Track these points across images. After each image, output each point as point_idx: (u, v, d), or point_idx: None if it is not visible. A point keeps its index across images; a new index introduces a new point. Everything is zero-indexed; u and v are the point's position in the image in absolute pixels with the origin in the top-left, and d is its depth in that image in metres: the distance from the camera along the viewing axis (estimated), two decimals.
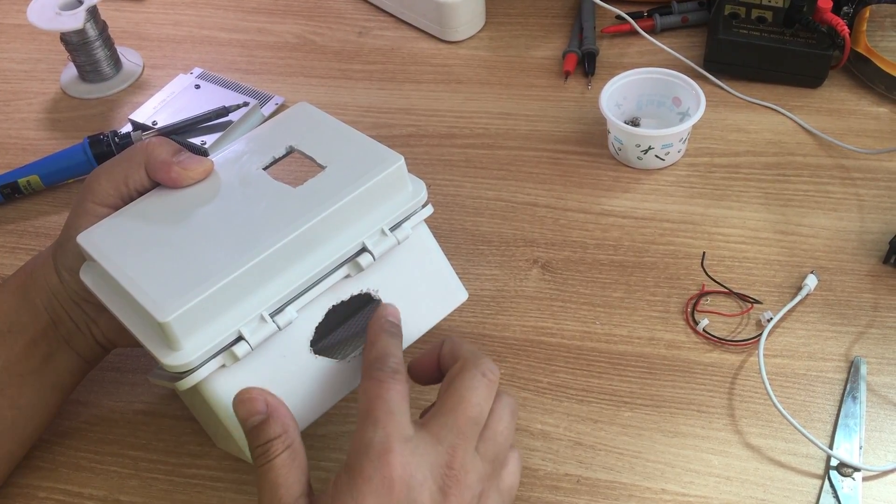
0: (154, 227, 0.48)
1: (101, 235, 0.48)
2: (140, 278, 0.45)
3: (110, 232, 0.49)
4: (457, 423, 0.41)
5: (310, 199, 0.48)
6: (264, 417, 0.41)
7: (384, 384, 0.42)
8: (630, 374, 0.57)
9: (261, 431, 0.41)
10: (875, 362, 0.57)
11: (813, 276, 0.61)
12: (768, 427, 0.54)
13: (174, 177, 0.50)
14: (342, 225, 0.48)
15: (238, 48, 0.86)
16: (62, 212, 0.72)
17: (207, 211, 0.49)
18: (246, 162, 0.52)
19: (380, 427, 0.40)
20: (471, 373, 0.43)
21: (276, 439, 0.41)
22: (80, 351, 0.53)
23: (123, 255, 0.47)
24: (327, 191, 0.48)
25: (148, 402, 0.58)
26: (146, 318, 0.44)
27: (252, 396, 0.42)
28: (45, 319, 0.52)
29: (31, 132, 0.79)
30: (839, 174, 0.69)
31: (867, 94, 0.75)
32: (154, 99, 0.78)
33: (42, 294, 0.52)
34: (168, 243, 0.47)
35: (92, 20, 0.79)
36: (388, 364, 0.43)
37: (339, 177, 0.49)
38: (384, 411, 0.41)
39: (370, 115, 0.78)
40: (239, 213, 0.48)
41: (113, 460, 0.56)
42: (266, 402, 0.42)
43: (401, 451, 0.39)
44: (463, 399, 0.42)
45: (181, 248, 0.47)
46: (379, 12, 0.89)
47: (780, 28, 0.75)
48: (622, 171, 0.71)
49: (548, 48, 0.83)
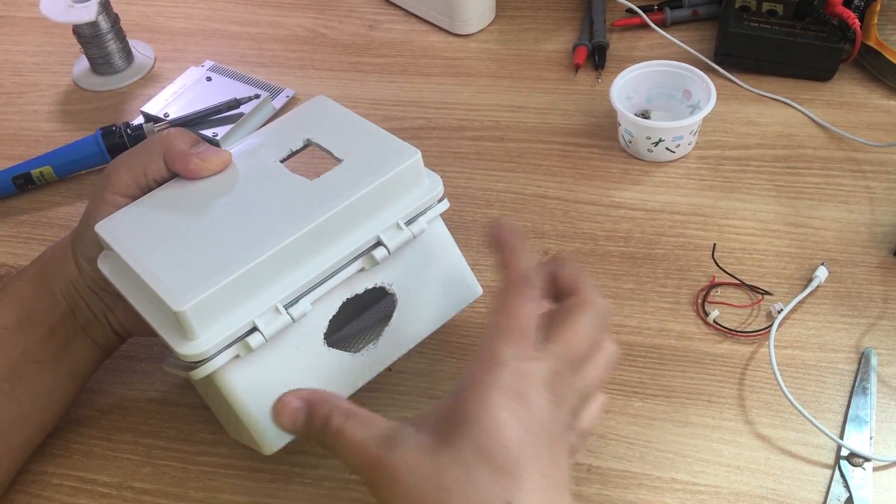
0: (171, 218, 0.49)
1: (119, 225, 0.49)
2: (156, 268, 0.45)
3: (128, 221, 0.49)
4: (566, 355, 0.41)
5: (326, 193, 0.48)
6: (306, 411, 0.41)
7: (528, 301, 0.41)
8: (641, 364, 0.58)
9: (312, 422, 0.40)
10: (885, 353, 0.57)
11: (823, 268, 0.61)
12: (778, 417, 0.54)
13: (192, 168, 0.50)
14: (358, 218, 0.48)
15: (249, 41, 0.87)
16: (75, 203, 0.73)
17: (224, 202, 0.49)
18: (263, 154, 0.52)
19: (513, 344, 0.39)
20: (594, 313, 0.43)
21: (331, 415, 0.40)
22: (97, 339, 0.54)
23: (141, 245, 0.47)
24: (344, 184, 0.48)
25: (161, 390, 0.59)
26: (162, 307, 0.44)
27: (283, 401, 0.41)
28: (63, 308, 0.52)
29: (44, 124, 0.80)
30: (850, 167, 0.69)
31: (878, 88, 0.75)
32: (166, 91, 0.78)
33: (60, 282, 0.52)
34: (185, 234, 0.47)
35: (104, 13, 0.80)
36: (535, 281, 0.42)
37: (355, 170, 0.49)
38: (519, 331, 0.40)
39: (381, 108, 0.78)
40: (255, 205, 0.48)
41: (126, 448, 0.56)
42: (299, 397, 0.41)
43: (531, 373, 0.39)
44: (577, 334, 0.42)
45: (197, 239, 0.47)
46: (389, 5, 0.89)
47: (790, 21, 0.75)
48: (632, 163, 0.71)
49: (558, 41, 0.83)
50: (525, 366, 0.39)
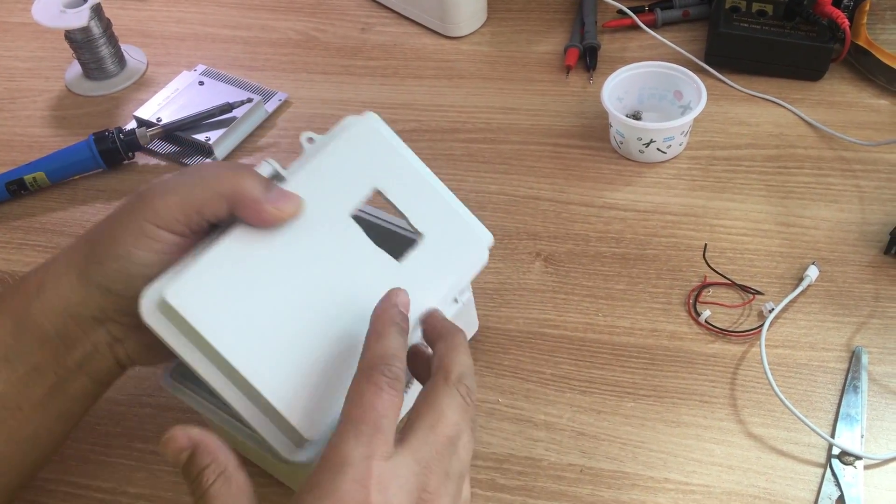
0: (253, 290, 0.44)
1: (196, 296, 0.42)
2: (274, 383, 0.43)
3: (205, 291, 0.43)
4: (437, 443, 0.39)
5: (414, 287, 0.46)
6: (190, 452, 0.38)
7: (382, 393, 0.38)
8: (633, 365, 0.58)
9: (190, 466, 0.38)
10: (876, 352, 0.57)
11: (814, 268, 0.61)
12: (770, 416, 0.54)
13: (266, 218, 0.44)
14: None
15: (241, 45, 0.87)
16: (68, 208, 0.73)
17: (307, 272, 0.46)
18: (328, 199, 0.47)
19: (363, 443, 0.37)
20: (452, 391, 0.40)
21: (206, 469, 0.38)
22: (96, 375, 0.47)
23: (232, 333, 0.43)
24: (428, 276, 0.49)
25: (154, 395, 0.59)
26: (273, 416, 0.43)
27: (173, 435, 0.39)
28: (54, 345, 0.45)
29: (37, 129, 0.80)
30: (840, 166, 0.69)
31: (868, 87, 0.75)
32: (158, 96, 0.78)
33: (51, 316, 0.45)
34: (281, 324, 0.44)
35: (96, 18, 0.80)
36: (392, 368, 0.39)
37: (439, 258, 0.50)
38: (372, 425, 0.37)
39: (373, 111, 0.78)
40: (343, 281, 0.46)
41: (121, 453, 0.56)
42: (188, 436, 0.39)
43: (380, 475, 0.36)
44: (443, 417, 0.39)
45: (296, 338, 0.44)
46: (381, 8, 0.89)
47: (780, 21, 0.75)
48: (624, 164, 0.71)
49: (549, 43, 0.83)
50: (377, 465, 0.36)
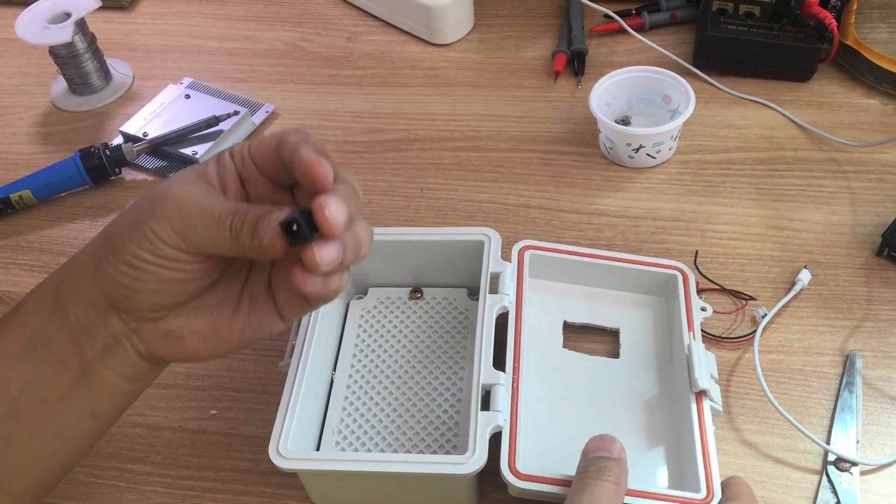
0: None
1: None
2: None
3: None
4: None
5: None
6: (618, 458, 0.45)
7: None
8: None
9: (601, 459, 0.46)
10: (870, 356, 0.57)
11: (806, 271, 0.61)
12: (765, 424, 0.54)
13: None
14: None
15: (227, 56, 0.86)
16: (55, 226, 0.72)
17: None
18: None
19: None
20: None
21: (615, 465, 0.45)
22: (119, 370, 0.45)
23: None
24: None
25: (144, 414, 0.58)
26: None
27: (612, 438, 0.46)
28: (75, 334, 0.44)
29: (23, 146, 0.79)
30: (830, 168, 0.69)
31: (857, 87, 0.75)
32: (144, 110, 0.78)
33: (75, 304, 0.44)
34: None
35: (80, 33, 0.79)
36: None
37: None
38: None
39: (361, 121, 0.78)
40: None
41: (111, 474, 0.56)
42: (620, 449, 0.46)
43: None
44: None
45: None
46: (367, 17, 0.89)
47: (768, 23, 0.75)
48: (614, 170, 0.71)
49: (537, 49, 0.83)
50: None
